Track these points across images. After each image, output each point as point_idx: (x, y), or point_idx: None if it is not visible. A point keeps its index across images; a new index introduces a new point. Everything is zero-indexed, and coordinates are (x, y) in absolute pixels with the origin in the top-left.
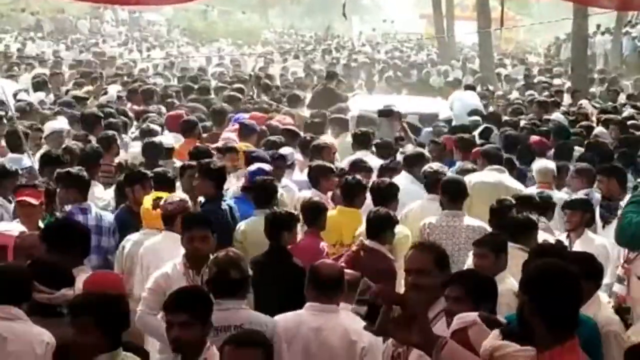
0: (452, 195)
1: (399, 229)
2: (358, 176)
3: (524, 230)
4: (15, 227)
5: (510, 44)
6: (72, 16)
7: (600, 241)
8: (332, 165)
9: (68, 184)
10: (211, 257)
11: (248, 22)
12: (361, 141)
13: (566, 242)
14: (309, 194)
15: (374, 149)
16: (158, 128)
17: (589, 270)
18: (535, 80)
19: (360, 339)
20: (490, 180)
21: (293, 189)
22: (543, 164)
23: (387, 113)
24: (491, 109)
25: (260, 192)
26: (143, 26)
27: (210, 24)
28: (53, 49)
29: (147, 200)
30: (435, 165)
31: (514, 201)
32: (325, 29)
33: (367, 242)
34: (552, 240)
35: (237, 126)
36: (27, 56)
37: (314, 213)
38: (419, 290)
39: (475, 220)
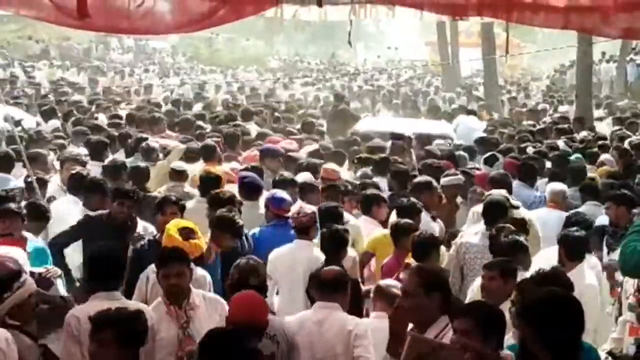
0: (492, 215)
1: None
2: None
3: (515, 252)
4: (13, 251)
5: (515, 71)
6: (77, 43)
7: (590, 281)
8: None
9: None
10: (193, 289)
11: (253, 49)
12: (381, 169)
13: None
14: (360, 222)
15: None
16: (157, 145)
17: None
18: (540, 108)
19: (355, 327)
20: None
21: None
22: (556, 185)
23: (399, 137)
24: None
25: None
26: (149, 53)
27: (215, 51)
28: (60, 76)
29: (173, 229)
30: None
31: (513, 228)
32: (330, 56)
33: (414, 264)
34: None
35: (255, 152)
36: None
37: (403, 234)
38: (403, 311)
39: None
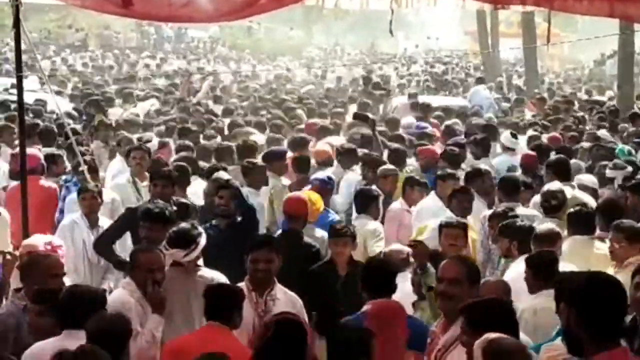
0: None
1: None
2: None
3: None
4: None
5: (555, 61)
6: (115, 32)
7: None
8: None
9: None
10: (277, 284)
11: (292, 39)
12: (394, 160)
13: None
14: (397, 205)
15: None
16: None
17: None
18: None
19: None
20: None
21: None
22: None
23: (363, 118)
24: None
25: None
26: (187, 42)
27: (255, 41)
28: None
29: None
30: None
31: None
32: (370, 46)
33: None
34: None
35: None
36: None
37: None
38: (448, 298)
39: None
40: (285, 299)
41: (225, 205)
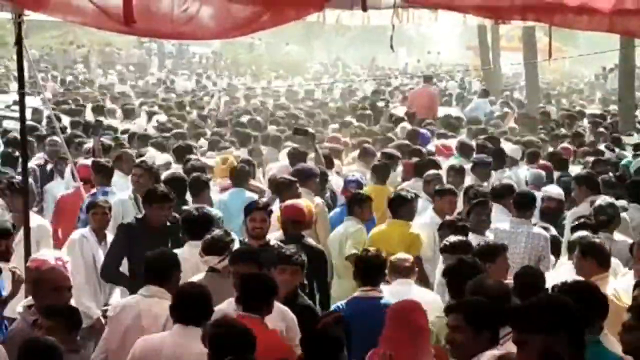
0: (520, 205)
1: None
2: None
3: None
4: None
5: (556, 75)
6: (117, 49)
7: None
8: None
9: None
10: None
11: (293, 54)
12: (381, 174)
13: None
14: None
15: None
16: None
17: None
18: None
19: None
20: None
21: None
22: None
23: (302, 132)
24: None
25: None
26: (189, 58)
27: (256, 56)
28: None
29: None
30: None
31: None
32: (370, 61)
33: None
34: None
35: None
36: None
37: None
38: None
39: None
40: (275, 312)
41: (260, 228)
